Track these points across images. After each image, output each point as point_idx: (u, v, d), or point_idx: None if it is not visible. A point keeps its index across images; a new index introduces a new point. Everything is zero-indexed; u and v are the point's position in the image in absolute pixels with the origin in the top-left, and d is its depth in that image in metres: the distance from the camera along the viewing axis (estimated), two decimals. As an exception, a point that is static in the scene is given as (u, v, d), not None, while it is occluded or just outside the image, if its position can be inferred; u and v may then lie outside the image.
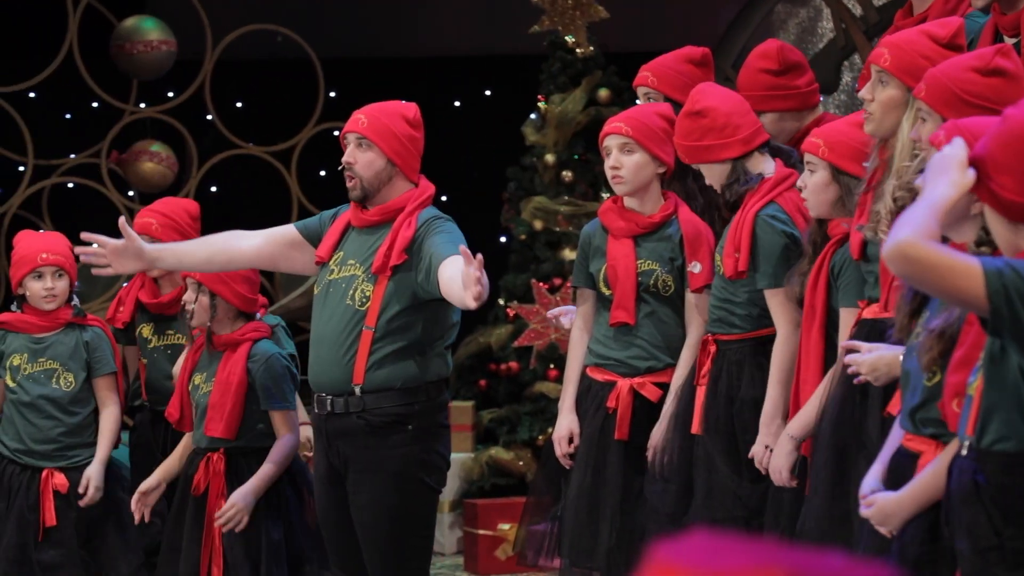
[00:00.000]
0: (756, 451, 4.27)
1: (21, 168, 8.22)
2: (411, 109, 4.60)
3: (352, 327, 4.47)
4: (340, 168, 4.56)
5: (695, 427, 4.41)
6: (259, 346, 4.94)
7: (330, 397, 4.49)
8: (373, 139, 4.50)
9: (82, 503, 5.23)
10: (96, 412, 5.35)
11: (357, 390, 4.45)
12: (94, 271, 4.58)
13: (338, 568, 4.65)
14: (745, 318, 4.39)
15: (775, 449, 4.14)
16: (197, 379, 5.02)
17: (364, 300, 4.47)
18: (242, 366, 4.92)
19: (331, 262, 4.57)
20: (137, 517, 5.01)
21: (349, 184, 4.54)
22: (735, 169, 4.40)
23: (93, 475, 5.24)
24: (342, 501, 4.54)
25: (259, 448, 4.99)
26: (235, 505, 4.82)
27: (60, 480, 5.23)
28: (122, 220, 4.60)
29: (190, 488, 4.96)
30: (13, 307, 5.45)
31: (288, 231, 4.69)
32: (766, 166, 4.42)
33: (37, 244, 5.36)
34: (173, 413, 5.06)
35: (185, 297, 5.00)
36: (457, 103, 9.15)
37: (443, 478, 4.58)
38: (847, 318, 4.05)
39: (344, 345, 4.47)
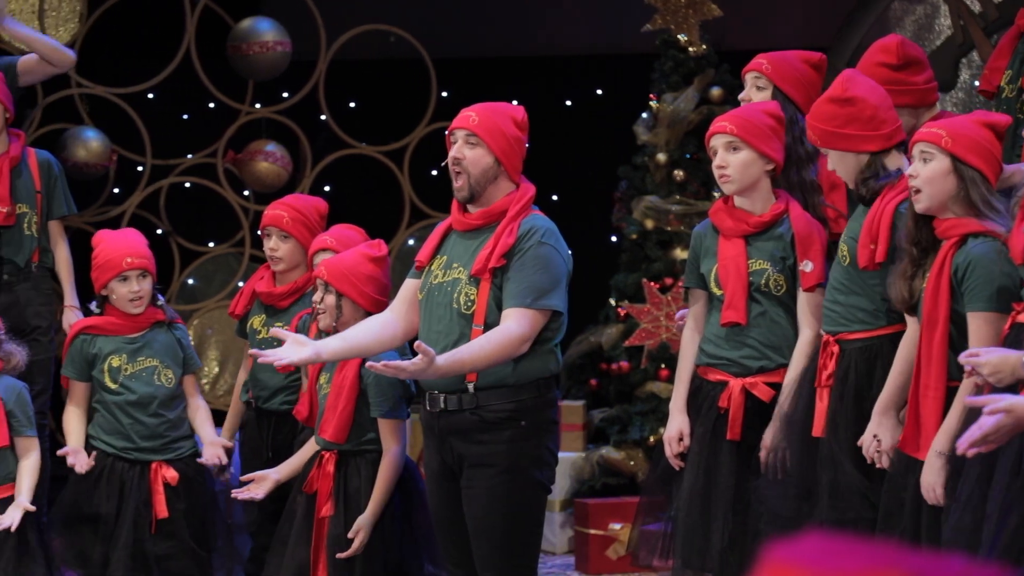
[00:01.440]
0: (865, 439, 4.22)
1: (139, 168, 8.34)
2: (519, 112, 4.62)
3: (461, 328, 4.49)
4: (443, 164, 4.58)
5: (817, 430, 4.36)
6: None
7: (443, 395, 4.52)
8: (483, 136, 4.52)
9: (202, 460, 5.29)
10: (186, 407, 5.46)
11: (470, 387, 4.48)
12: (277, 366, 4.61)
13: (452, 564, 4.68)
14: (874, 314, 4.33)
15: (925, 467, 4.03)
16: (323, 379, 5.07)
17: (469, 304, 4.49)
18: (355, 371, 4.96)
19: (433, 266, 4.60)
20: (243, 495, 5.06)
21: (456, 183, 4.55)
22: (872, 164, 4.35)
23: (218, 440, 5.33)
24: (455, 497, 4.57)
25: (370, 451, 5.03)
26: (359, 531, 4.87)
27: (169, 473, 5.31)
28: (295, 338, 4.54)
29: (303, 485, 5.01)
30: (93, 307, 5.52)
31: (410, 286, 4.67)
32: (902, 164, 4.37)
33: (120, 247, 5.41)
34: (302, 410, 5.12)
35: (314, 298, 5.05)
36: (568, 102, 9.15)
37: (553, 474, 4.60)
38: (976, 323, 3.97)
39: (455, 345, 4.49)
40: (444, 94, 8.57)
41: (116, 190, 8.42)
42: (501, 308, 4.47)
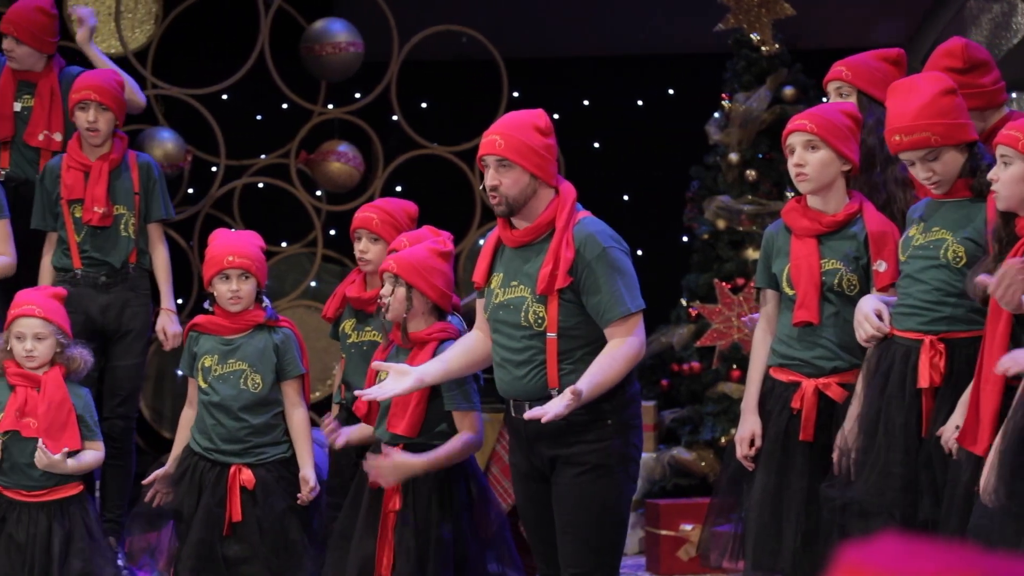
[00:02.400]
0: (946, 428, 4.19)
1: (214, 168, 8.41)
2: (541, 117, 4.59)
3: (535, 340, 4.50)
4: (481, 187, 4.59)
5: (925, 431, 4.32)
6: (445, 346, 4.97)
7: (527, 402, 4.53)
8: (513, 159, 4.51)
9: (300, 501, 5.33)
10: (282, 413, 5.46)
11: (553, 393, 4.48)
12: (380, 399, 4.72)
13: (542, 562, 4.70)
14: (979, 312, 4.28)
15: (986, 465, 3.98)
16: (384, 374, 5.08)
17: (540, 321, 4.51)
18: (428, 358, 4.97)
19: (492, 285, 4.62)
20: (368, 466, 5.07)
21: (493, 202, 4.57)
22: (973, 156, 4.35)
23: (310, 478, 5.35)
24: (543, 497, 4.60)
25: (437, 446, 5.04)
26: (399, 466, 4.88)
27: (247, 476, 5.33)
28: (397, 368, 4.68)
29: (367, 480, 5.03)
30: (206, 305, 5.58)
31: (483, 304, 4.73)
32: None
33: (226, 246, 5.46)
34: (361, 407, 5.14)
35: (382, 291, 5.06)
36: (640, 102, 9.13)
37: (638, 469, 4.63)
38: None
39: (531, 360, 4.51)
40: (515, 94, 8.58)
41: (191, 190, 8.50)
42: (571, 319, 4.49)
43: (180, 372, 5.56)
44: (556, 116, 4.70)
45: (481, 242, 8.53)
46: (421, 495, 4.96)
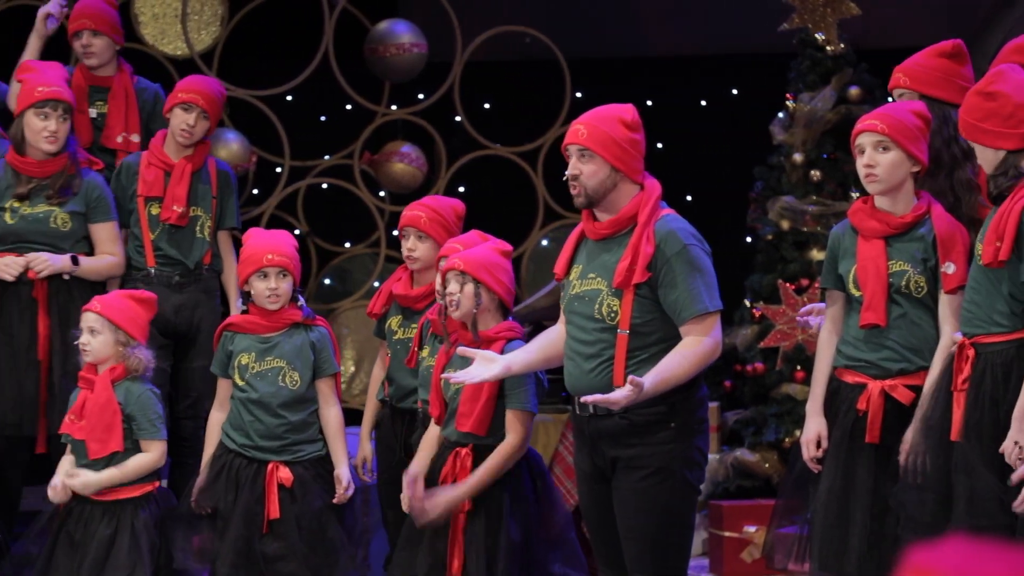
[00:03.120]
0: (1006, 447, 4.16)
1: (278, 169, 8.45)
2: (628, 111, 4.58)
3: (606, 335, 4.49)
4: (564, 179, 4.59)
5: (954, 434, 4.30)
6: (512, 346, 4.98)
7: None
8: (595, 149, 4.51)
9: (336, 501, 5.35)
10: (316, 411, 5.47)
11: None
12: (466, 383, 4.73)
13: (604, 564, 4.68)
14: (1008, 316, 4.26)
15: None
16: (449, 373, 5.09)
17: (613, 315, 4.49)
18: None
19: (571, 276, 4.62)
20: (406, 506, 5.07)
21: (574, 192, 4.56)
22: (1006, 161, 4.28)
23: (344, 477, 5.36)
24: (606, 499, 4.58)
25: None
26: (439, 504, 4.87)
27: (285, 474, 5.34)
28: (483, 355, 4.70)
29: (437, 481, 5.03)
30: (239, 303, 5.61)
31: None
32: None
33: (264, 244, 5.47)
34: (435, 408, 5.16)
35: (449, 289, 5.06)
36: (704, 102, 9.11)
37: (703, 475, 4.60)
38: None
39: (600, 355, 4.51)
40: (578, 94, 8.58)
41: (255, 191, 8.55)
42: (645, 315, 4.47)
43: (212, 371, 5.56)
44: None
45: (544, 243, 8.53)
46: (492, 495, 4.96)
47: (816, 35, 7.57)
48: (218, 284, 6.30)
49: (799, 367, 7.32)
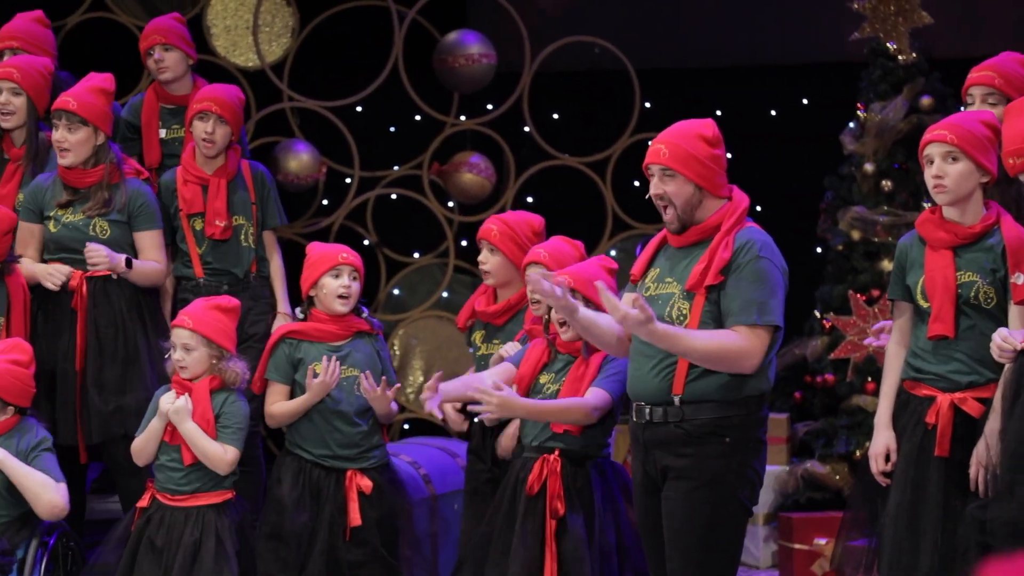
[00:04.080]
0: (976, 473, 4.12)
1: (347, 180, 8.49)
2: (708, 127, 4.58)
3: None
4: (647, 197, 4.58)
5: None
6: (611, 357, 5.02)
7: (649, 407, 4.52)
8: (677, 168, 4.51)
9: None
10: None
11: (676, 400, 4.47)
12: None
13: (654, 575, 4.67)
14: None
15: None
16: (544, 378, 5.09)
17: (682, 318, 4.48)
18: (595, 371, 4.99)
19: (647, 279, 4.61)
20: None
21: (666, 216, 4.55)
22: None
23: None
24: (657, 508, 4.56)
25: (597, 457, 5.05)
26: (500, 404, 4.82)
27: (364, 481, 5.38)
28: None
29: (522, 487, 5.03)
30: (297, 312, 5.61)
31: (627, 300, 4.61)
32: None
33: (334, 246, 5.58)
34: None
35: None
36: (773, 112, 9.06)
37: (756, 494, 4.55)
38: None
39: (664, 358, 4.49)
40: (647, 104, 8.56)
41: (325, 201, 8.59)
42: (714, 322, 4.45)
43: (267, 377, 5.55)
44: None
45: (612, 253, 8.52)
46: (584, 501, 4.96)
47: (887, 44, 7.51)
48: (268, 289, 6.33)
49: (870, 378, 7.27)
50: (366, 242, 8.44)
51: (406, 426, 8.53)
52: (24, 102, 6.06)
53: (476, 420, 5.57)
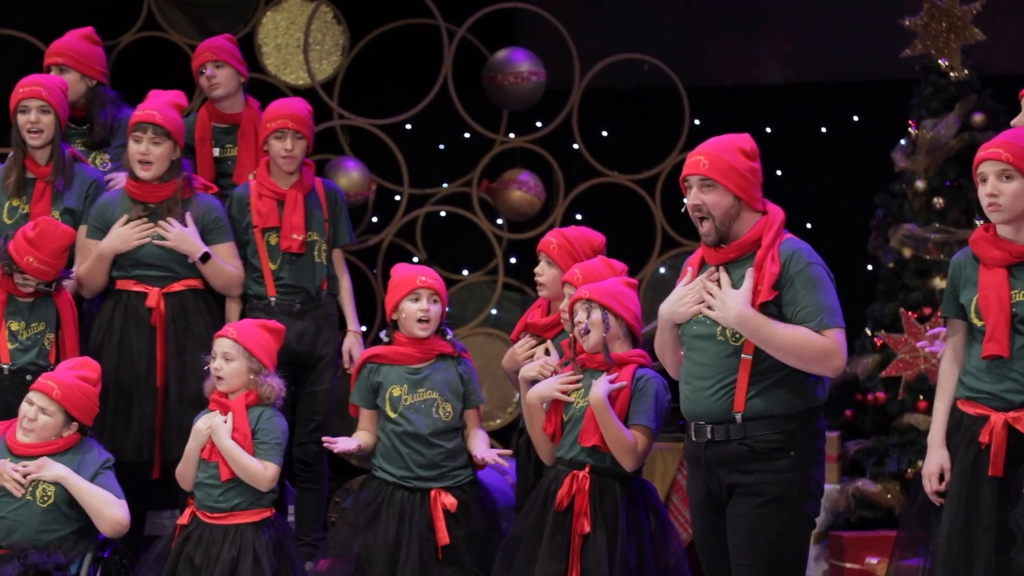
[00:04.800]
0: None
1: (397, 197, 8.51)
2: (747, 141, 4.60)
3: (729, 359, 4.48)
4: (683, 210, 4.59)
5: None
6: (643, 372, 5.04)
7: (710, 425, 4.51)
8: (717, 178, 4.52)
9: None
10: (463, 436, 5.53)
11: (738, 418, 4.46)
12: None
13: None
14: None
15: None
16: (577, 394, 5.10)
17: (737, 336, 4.48)
18: (629, 384, 5.00)
19: None
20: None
21: (702, 229, 4.56)
22: None
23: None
24: (720, 527, 4.57)
25: (626, 475, 5.04)
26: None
27: (449, 500, 5.40)
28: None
29: (552, 499, 5.03)
30: (383, 335, 5.64)
31: None
32: None
33: (415, 270, 5.59)
34: (548, 427, 5.16)
35: (576, 319, 5.09)
36: (824, 129, 9.03)
37: (819, 506, 4.59)
38: None
39: (722, 377, 4.50)
40: (697, 122, 8.54)
41: (374, 219, 8.61)
42: None
43: (351, 402, 5.59)
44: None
45: (662, 270, 8.50)
46: (609, 519, 4.95)
47: (939, 61, 7.47)
48: (337, 309, 6.34)
49: (921, 397, 7.22)
50: (415, 259, 8.45)
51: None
52: (52, 120, 6.10)
53: (522, 437, 5.59)
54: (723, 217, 4.53)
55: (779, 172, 8.26)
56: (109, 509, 5.36)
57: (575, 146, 8.50)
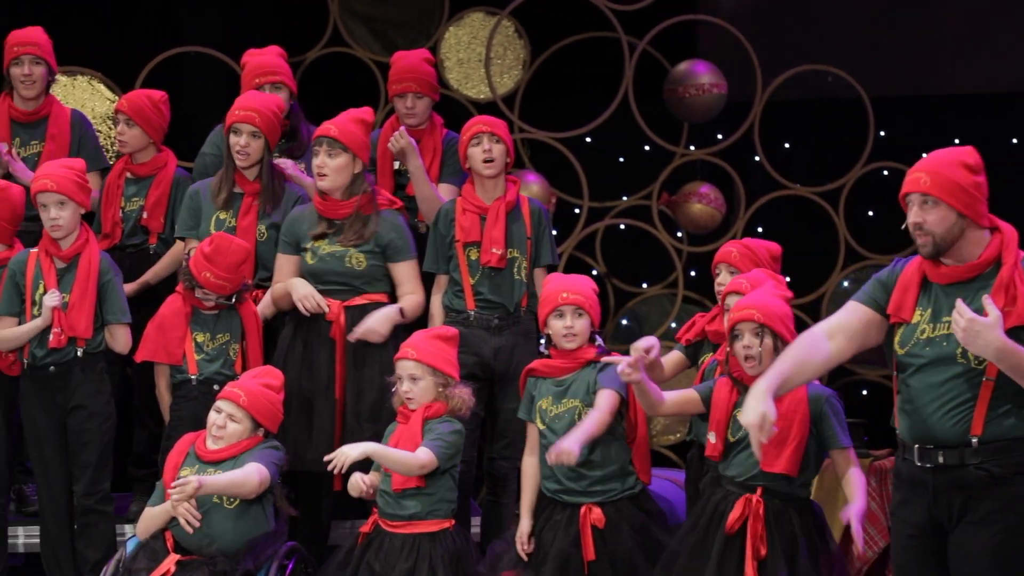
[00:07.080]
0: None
1: (576, 210, 8.53)
2: (971, 155, 4.45)
3: (969, 381, 4.34)
4: (903, 227, 4.46)
5: None
6: (816, 388, 5.00)
7: (941, 450, 4.37)
8: (940, 196, 4.38)
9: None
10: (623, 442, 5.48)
11: (974, 441, 4.33)
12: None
13: None
14: None
15: None
16: (737, 412, 5.07)
17: (980, 359, 4.34)
18: (805, 405, 4.95)
19: (915, 319, 4.46)
20: None
21: (920, 241, 4.43)
22: None
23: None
24: (941, 553, 4.42)
25: (800, 499, 4.98)
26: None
27: (597, 515, 5.35)
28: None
29: (719, 521, 4.98)
30: (542, 348, 5.66)
31: (863, 316, 4.52)
32: None
33: (560, 284, 5.57)
34: (714, 449, 5.13)
35: (745, 342, 5.06)
36: (1015, 140, 8.83)
37: None
38: None
39: (960, 399, 4.36)
40: (882, 133, 8.41)
41: (554, 232, 8.63)
42: None
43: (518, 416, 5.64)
44: (924, 156, 4.56)
45: (845, 284, 8.38)
46: (786, 544, 4.89)
47: None
48: (535, 326, 6.34)
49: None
50: (595, 272, 8.45)
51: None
52: (261, 144, 6.24)
53: (691, 453, 5.57)
54: (945, 235, 4.38)
55: (985, 186, 8.09)
56: (249, 480, 5.37)
57: (756, 158, 8.43)
